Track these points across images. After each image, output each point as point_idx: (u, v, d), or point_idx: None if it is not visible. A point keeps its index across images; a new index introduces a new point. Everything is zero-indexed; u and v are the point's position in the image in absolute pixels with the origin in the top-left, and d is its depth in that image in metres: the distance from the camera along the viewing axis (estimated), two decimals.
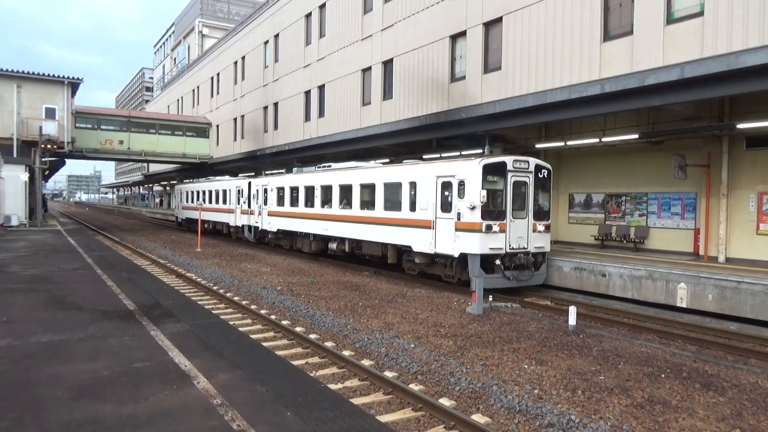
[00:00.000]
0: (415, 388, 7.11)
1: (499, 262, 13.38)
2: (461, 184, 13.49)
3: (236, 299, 12.81)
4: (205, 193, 33.16)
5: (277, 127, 33.08)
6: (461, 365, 7.89)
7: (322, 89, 28.07)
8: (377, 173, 17.25)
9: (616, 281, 13.32)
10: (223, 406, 5.25)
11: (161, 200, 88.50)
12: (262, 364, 6.81)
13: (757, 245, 14.62)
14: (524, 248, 13.82)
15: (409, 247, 15.33)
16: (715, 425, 6.04)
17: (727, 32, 11.54)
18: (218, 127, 42.35)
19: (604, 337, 9.97)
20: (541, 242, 14.19)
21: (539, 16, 15.77)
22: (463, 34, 18.72)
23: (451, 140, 21.66)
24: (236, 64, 39.41)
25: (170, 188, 73.87)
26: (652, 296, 12.53)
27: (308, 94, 29.49)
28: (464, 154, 20.32)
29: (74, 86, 32.25)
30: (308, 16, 29.17)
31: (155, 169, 58.32)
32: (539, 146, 19.00)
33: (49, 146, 30.20)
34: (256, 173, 34.22)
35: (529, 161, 14.12)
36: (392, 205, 16.19)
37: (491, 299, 12.51)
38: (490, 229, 13.13)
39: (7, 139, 29.61)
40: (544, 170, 14.43)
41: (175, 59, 75.75)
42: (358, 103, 24.86)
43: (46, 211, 42.84)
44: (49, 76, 31.12)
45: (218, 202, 30.97)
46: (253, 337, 9.21)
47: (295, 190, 22.28)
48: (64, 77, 31.30)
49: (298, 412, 5.22)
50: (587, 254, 15.87)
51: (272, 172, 30.94)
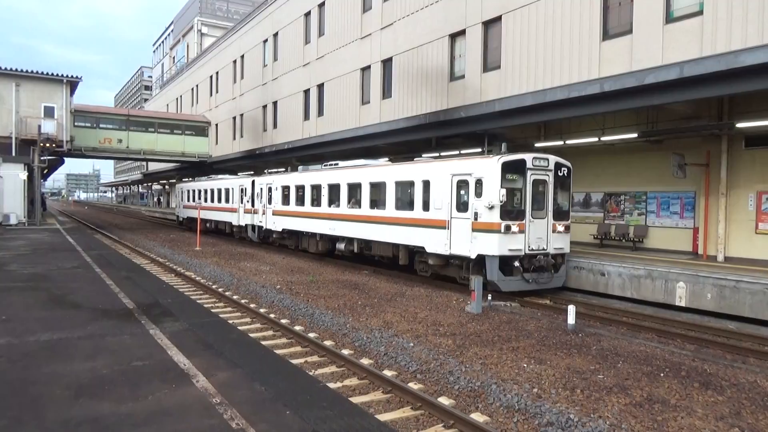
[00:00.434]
0: (414, 386, 7.12)
1: (518, 263, 12.87)
2: (479, 182, 13.00)
3: (235, 298, 12.81)
4: (207, 191, 32.76)
5: (276, 125, 33.05)
6: (460, 364, 7.90)
7: (321, 88, 28.05)
8: (388, 171, 16.71)
9: (615, 280, 13.33)
10: (222, 404, 5.25)
11: (159, 199, 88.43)
12: (261, 362, 6.81)
13: (755, 244, 14.63)
14: (544, 249, 13.30)
15: (422, 248, 14.85)
16: (713, 424, 6.05)
17: (726, 31, 11.55)
18: (217, 125, 42.32)
19: (603, 336, 9.98)
20: (560, 243, 13.70)
21: (538, 15, 15.77)
22: (462, 33, 18.71)
23: (450, 139, 21.67)
24: (235, 62, 39.38)
25: (169, 187, 73.83)
26: (651, 295, 12.54)
27: (307, 92, 29.47)
28: (463, 153, 20.33)
29: (73, 85, 32.20)
30: (307, 14, 29.14)
31: (154, 167, 58.26)
32: (538, 145, 18.99)
33: (47, 145, 30.16)
34: (255, 172, 34.17)
35: (548, 159, 13.57)
36: (404, 204, 15.74)
37: (490, 298, 12.50)
38: (509, 229, 12.64)
39: (5, 137, 29.57)
40: (564, 168, 13.90)
41: (174, 58, 75.67)
42: (357, 101, 24.85)
43: (44, 209, 42.83)
44: (47, 74, 31.07)
45: (221, 201, 30.48)
46: (252, 335, 9.21)
47: (300, 188, 21.74)
48: (62, 76, 31.25)
49: (297, 410, 5.22)
50: (587, 254, 15.86)
51: (275, 170, 30.83)
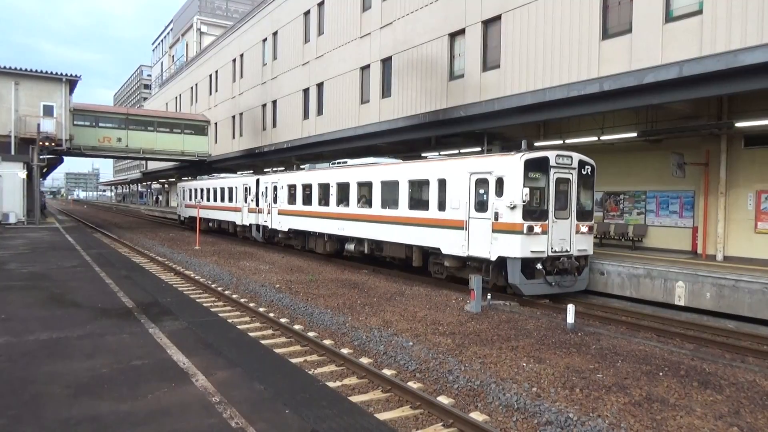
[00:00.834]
0: (413, 386, 7.12)
1: (540, 266, 12.33)
2: (499, 181, 12.47)
3: (235, 297, 12.81)
4: (209, 190, 32.18)
5: (275, 124, 33.04)
6: (459, 363, 7.90)
7: (320, 87, 28.04)
8: (401, 170, 16.11)
9: (614, 279, 13.33)
10: (221, 403, 5.25)
11: (157, 198, 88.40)
12: (260, 361, 6.81)
13: (755, 244, 14.64)
14: (567, 251, 12.77)
15: (437, 249, 14.35)
16: (712, 423, 6.06)
17: (725, 31, 11.56)
18: (216, 124, 42.31)
19: (602, 335, 9.98)
20: (584, 244, 13.17)
21: (538, 14, 15.77)
22: (462, 32, 18.71)
23: (450, 138, 21.67)
24: (235, 61, 39.36)
25: (168, 186, 73.79)
26: (650, 294, 12.54)
27: (307, 91, 29.46)
28: (462, 152, 20.32)
29: (72, 83, 32.19)
30: (307, 13, 29.13)
31: (153, 166, 58.24)
32: (538, 144, 18.99)
33: (47, 144, 30.14)
34: (255, 171, 34.15)
35: (572, 156, 13.06)
36: (418, 203, 15.20)
37: (489, 297, 12.50)
38: (531, 230, 12.14)
39: (4, 136, 29.55)
40: (587, 166, 13.37)
41: (173, 57, 75.59)
42: (356, 101, 24.84)
43: (44, 208, 42.75)
44: (47, 73, 31.04)
45: (224, 200, 29.88)
46: (251, 334, 9.22)
47: (307, 187, 21.13)
48: (62, 74, 31.23)
49: (296, 409, 5.22)
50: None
51: (279, 169, 30.71)
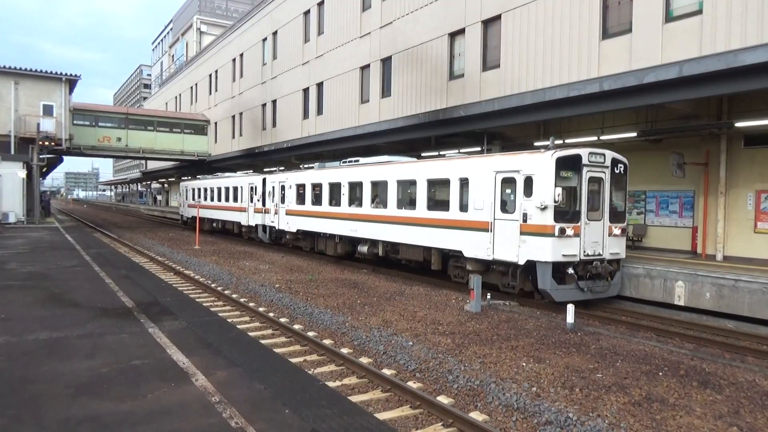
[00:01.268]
0: (413, 385, 7.12)
1: (572, 270, 11.67)
2: (528, 180, 11.80)
3: (234, 297, 12.80)
4: (213, 190, 31.47)
5: (275, 124, 33.04)
6: (459, 363, 7.90)
7: (320, 87, 28.04)
8: (419, 168, 15.39)
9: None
10: (221, 403, 5.25)
11: (155, 198, 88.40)
12: (260, 361, 6.81)
13: (754, 243, 14.64)
14: (599, 255, 12.10)
15: (459, 252, 13.63)
16: (712, 423, 6.06)
17: (725, 30, 11.55)
18: (216, 124, 42.29)
19: (601, 335, 9.98)
20: (616, 247, 12.48)
21: (538, 13, 15.77)
22: (461, 31, 18.70)
23: (450, 138, 21.67)
24: (234, 61, 39.35)
25: (168, 185, 73.76)
26: (649, 294, 12.54)
27: (307, 91, 29.46)
28: (462, 151, 20.28)
29: (72, 83, 32.20)
30: (306, 13, 29.12)
31: (153, 166, 58.24)
32: (538, 144, 18.99)
33: (46, 143, 30.15)
34: (254, 170, 34.12)
35: (605, 154, 12.38)
36: (438, 204, 14.51)
37: (489, 297, 12.50)
38: (563, 232, 11.44)
39: (4, 136, 29.56)
40: (620, 164, 12.66)
41: (173, 56, 75.54)
42: (356, 100, 24.84)
43: (47, 210, 42.64)
44: (46, 72, 31.04)
45: (228, 200, 29.14)
46: (251, 334, 9.21)
47: (317, 187, 20.37)
48: (61, 74, 31.22)
49: (296, 409, 5.22)
50: None
51: (281, 168, 30.62)
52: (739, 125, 13.87)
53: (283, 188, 23.26)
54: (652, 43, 12.95)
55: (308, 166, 24.23)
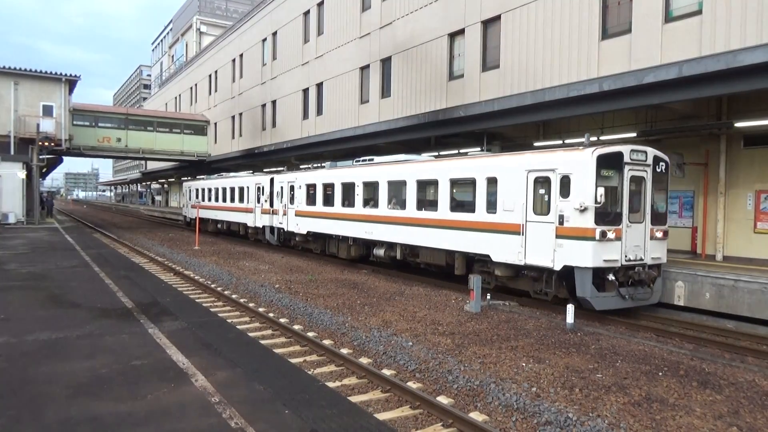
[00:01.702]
0: (413, 386, 7.12)
1: (612, 277, 10.91)
2: (565, 179, 11.10)
3: (234, 297, 12.80)
4: (218, 190, 30.68)
5: (275, 124, 33.04)
6: (459, 363, 7.90)
7: (320, 87, 28.05)
8: (441, 167, 14.66)
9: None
10: (221, 404, 5.25)
11: (153, 198, 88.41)
12: (259, 362, 6.81)
13: (754, 243, 14.64)
14: (641, 260, 11.37)
15: (485, 256, 12.91)
16: (712, 423, 6.06)
17: (725, 31, 11.56)
18: (216, 124, 42.30)
19: (601, 335, 9.99)
20: (658, 252, 11.74)
21: (538, 14, 15.77)
22: (461, 32, 18.71)
23: (449, 138, 21.67)
24: (234, 61, 39.36)
25: (168, 186, 73.77)
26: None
27: (306, 92, 29.46)
28: (461, 152, 20.31)
29: (72, 83, 32.21)
30: (306, 13, 29.14)
31: (153, 166, 58.25)
32: (537, 144, 19.00)
33: (46, 144, 30.16)
34: (254, 171, 34.11)
35: (647, 151, 11.65)
36: (462, 205, 13.87)
37: (489, 297, 12.50)
38: (605, 236, 10.69)
39: (4, 136, 29.57)
40: (662, 163, 11.96)
41: (172, 57, 75.58)
42: (356, 101, 24.84)
43: (50, 211, 42.56)
44: (46, 73, 31.06)
45: (233, 200, 28.31)
46: (251, 335, 9.21)
47: (329, 187, 19.62)
48: (61, 74, 31.23)
49: (296, 410, 5.22)
50: None
51: (281, 168, 30.60)
52: (738, 125, 13.87)
53: (292, 188, 22.46)
54: (651, 43, 12.96)
55: (317, 165, 23.94)
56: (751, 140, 14.73)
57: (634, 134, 15.84)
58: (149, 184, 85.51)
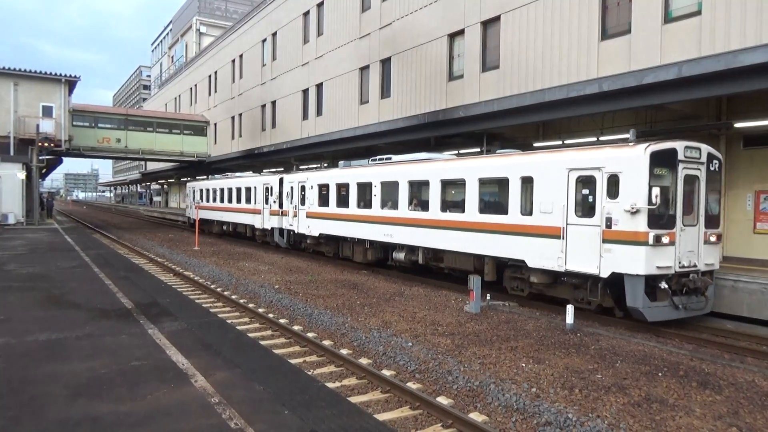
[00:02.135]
0: (412, 386, 7.12)
1: (665, 285, 10.04)
2: (612, 179, 10.24)
3: (234, 298, 12.80)
4: (224, 191, 29.69)
5: (275, 125, 33.06)
6: (459, 364, 7.90)
7: (320, 87, 28.06)
8: (468, 166, 13.83)
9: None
10: (220, 404, 5.25)
11: (151, 198, 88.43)
12: (259, 362, 6.81)
13: (753, 244, 14.64)
14: (695, 266, 10.43)
15: (520, 261, 12.12)
16: (711, 423, 6.06)
17: (724, 31, 11.57)
18: (216, 125, 42.31)
19: (601, 335, 9.99)
20: (711, 258, 10.81)
21: (537, 14, 15.79)
22: (461, 32, 18.72)
23: (449, 138, 21.68)
24: (234, 62, 39.38)
25: (168, 186, 73.77)
26: None
27: (306, 92, 29.48)
28: (461, 153, 20.33)
29: (71, 84, 32.21)
30: (306, 14, 29.15)
31: (153, 167, 58.25)
32: (537, 145, 19.00)
33: (46, 144, 30.16)
34: (254, 171, 34.09)
35: (701, 149, 10.73)
36: (492, 206, 13.08)
37: (489, 298, 12.50)
38: (659, 240, 9.82)
39: (3, 137, 29.58)
40: (715, 161, 11.04)
41: (172, 57, 75.61)
42: (356, 101, 24.85)
43: (50, 211, 42.56)
44: (46, 74, 31.07)
45: (240, 201, 27.32)
46: (250, 335, 9.21)
47: (343, 187, 18.72)
48: (61, 75, 31.24)
49: (295, 410, 5.22)
50: None
51: (281, 169, 30.59)
52: (738, 126, 13.88)
53: (303, 188, 21.42)
54: (651, 43, 12.97)
55: (314, 166, 23.84)
56: (750, 141, 14.74)
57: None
58: (149, 184, 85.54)
